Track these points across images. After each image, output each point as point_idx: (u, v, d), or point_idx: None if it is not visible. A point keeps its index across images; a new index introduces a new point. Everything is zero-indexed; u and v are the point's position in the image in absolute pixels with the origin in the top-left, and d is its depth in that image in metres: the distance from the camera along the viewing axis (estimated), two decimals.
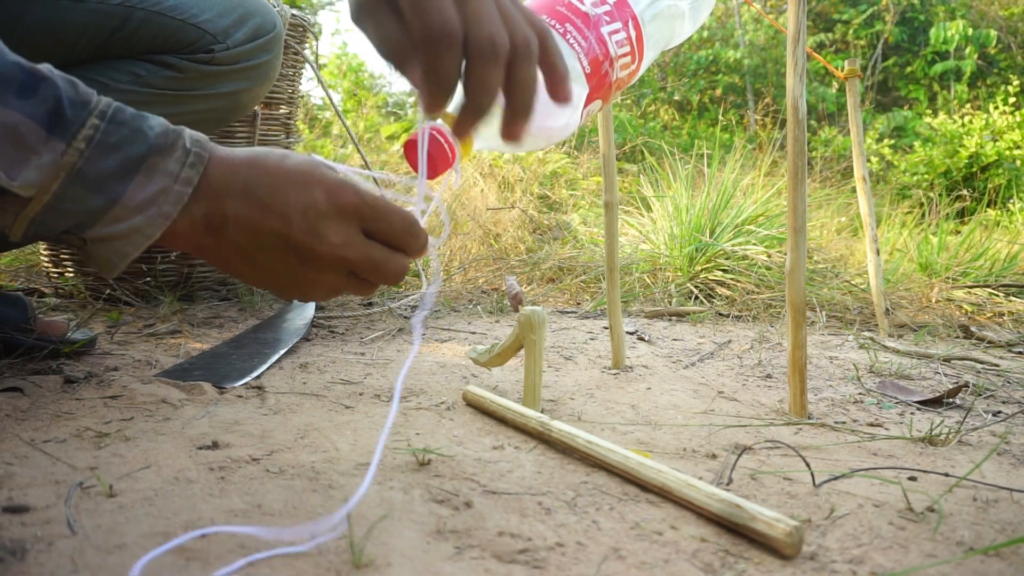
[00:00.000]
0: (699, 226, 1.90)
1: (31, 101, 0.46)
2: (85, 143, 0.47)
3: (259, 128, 1.40)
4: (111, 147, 0.48)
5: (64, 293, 1.35)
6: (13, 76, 0.46)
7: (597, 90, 0.71)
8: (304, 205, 0.52)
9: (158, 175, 0.49)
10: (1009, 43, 7.59)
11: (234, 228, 0.52)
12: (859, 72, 1.40)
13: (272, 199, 0.52)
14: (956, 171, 5.51)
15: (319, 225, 0.52)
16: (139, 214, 0.49)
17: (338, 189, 0.53)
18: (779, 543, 0.46)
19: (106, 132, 0.48)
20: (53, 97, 0.47)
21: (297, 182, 0.52)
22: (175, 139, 0.50)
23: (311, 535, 0.44)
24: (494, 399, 0.74)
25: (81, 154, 0.47)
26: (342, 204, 0.52)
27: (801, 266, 0.76)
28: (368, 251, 0.53)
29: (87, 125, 0.47)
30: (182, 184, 0.50)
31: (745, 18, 8.12)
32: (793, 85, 0.76)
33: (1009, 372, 1.08)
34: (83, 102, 0.48)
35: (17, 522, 0.46)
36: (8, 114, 0.45)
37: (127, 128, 0.49)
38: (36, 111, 0.46)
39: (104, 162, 0.48)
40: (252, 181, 0.52)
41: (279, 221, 0.52)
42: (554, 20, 0.69)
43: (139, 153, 0.49)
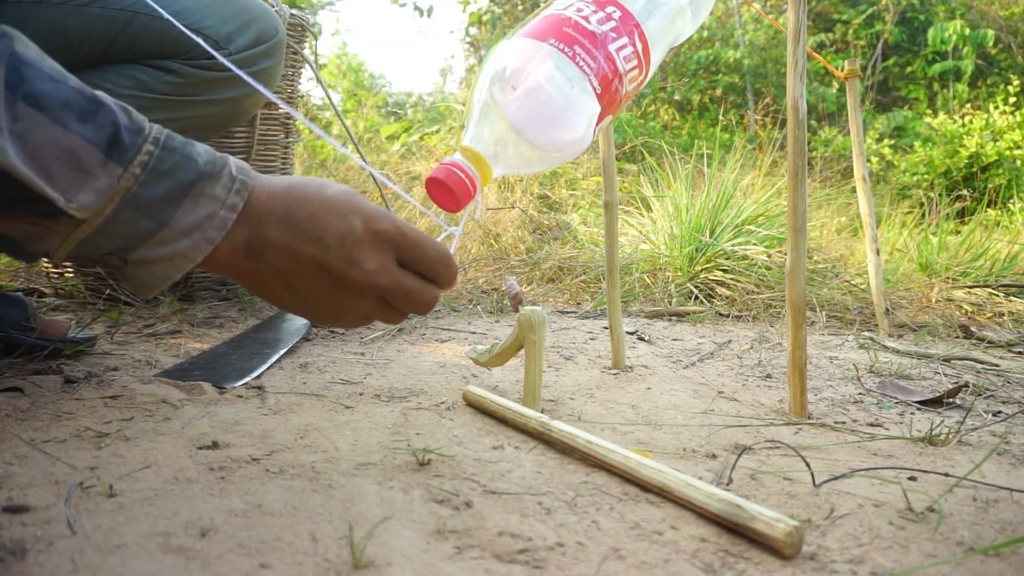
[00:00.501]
0: (699, 226, 1.90)
1: (91, 126, 0.47)
2: (140, 168, 0.49)
3: (259, 128, 1.40)
4: (164, 173, 0.49)
5: (64, 293, 1.35)
6: (75, 102, 0.47)
7: (608, 106, 0.72)
8: (341, 232, 0.53)
9: (206, 200, 0.51)
10: (1009, 43, 7.59)
11: (273, 253, 0.54)
12: (859, 72, 1.40)
13: (311, 225, 0.53)
14: (956, 171, 5.50)
15: (355, 252, 0.54)
16: (185, 238, 0.51)
17: (375, 218, 0.54)
18: (779, 543, 0.46)
19: (159, 158, 0.49)
20: (111, 123, 0.48)
21: (335, 210, 0.54)
22: (222, 166, 0.52)
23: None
24: (494, 399, 0.74)
25: (136, 179, 0.48)
26: (378, 232, 0.54)
27: (801, 266, 0.76)
28: (400, 280, 0.55)
29: (143, 151, 0.49)
30: (227, 210, 0.52)
31: (745, 18, 8.12)
32: (793, 85, 0.76)
33: (1009, 372, 1.08)
34: (138, 128, 0.49)
35: (17, 522, 0.46)
36: (70, 137, 0.46)
37: (178, 155, 0.50)
38: (96, 136, 0.47)
39: (157, 187, 0.49)
40: (292, 208, 0.54)
41: (317, 247, 0.53)
42: (562, 43, 0.69)
43: (189, 179, 0.50)
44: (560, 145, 0.69)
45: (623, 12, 0.72)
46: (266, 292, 0.56)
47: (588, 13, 0.71)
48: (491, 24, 9.60)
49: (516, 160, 0.69)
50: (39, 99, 0.46)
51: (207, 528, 0.47)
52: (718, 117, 7.00)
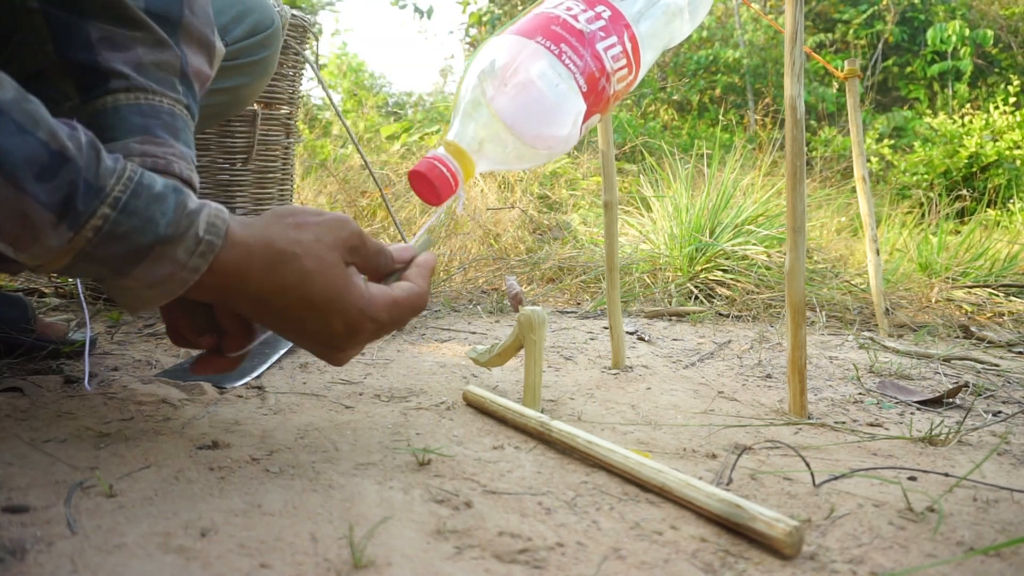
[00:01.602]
0: (699, 226, 1.90)
1: (47, 187, 0.47)
2: (93, 232, 0.48)
3: (259, 128, 1.40)
4: (119, 236, 0.49)
5: (64, 293, 1.35)
6: (37, 158, 0.46)
7: (595, 105, 0.72)
8: (320, 329, 0.56)
9: (165, 262, 0.51)
10: (1009, 43, 7.59)
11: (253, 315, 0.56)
12: (859, 72, 1.40)
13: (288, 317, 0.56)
14: (956, 171, 5.50)
15: (336, 343, 0.57)
16: (148, 289, 0.51)
17: (358, 321, 0.57)
18: (779, 543, 0.46)
19: (115, 222, 0.49)
20: (69, 183, 0.47)
21: (316, 311, 0.55)
22: (187, 227, 0.51)
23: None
24: (494, 399, 0.74)
25: (89, 241, 0.48)
26: (359, 332, 0.57)
27: (801, 266, 0.76)
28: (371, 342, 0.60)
29: (96, 215, 0.48)
30: (189, 272, 0.51)
31: (745, 18, 8.12)
32: (791, 85, 0.76)
33: (1009, 372, 1.08)
34: (98, 188, 0.48)
35: (17, 522, 0.46)
36: (22, 199, 0.46)
37: (138, 218, 0.49)
38: (50, 199, 0.47)
39: (112, 248, 0.49)
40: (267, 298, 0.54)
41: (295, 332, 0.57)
42: (549, 41, 0.69)
43: (146, 243, 0.50)
44: (548, 142, 0.70)
45: (613, 12, 0.73)
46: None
47: (577, 12, 0.71)
48: (491, 24, 9.60)
49: (501, 155, 0.69)
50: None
51: (207, 528, 0.47)
52: (718, 117, 7.00)
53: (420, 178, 0.64)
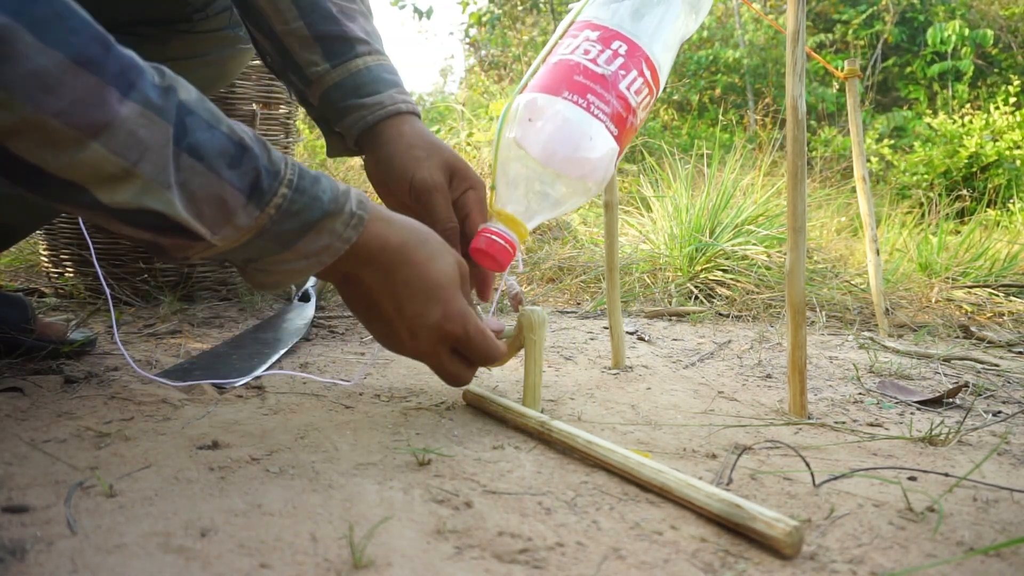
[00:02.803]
0: (699, 226, 1.90)
1: (238, 172, 0.54)
2: (275, 210, 0.56)
3: (258, 128, 1.40)
4: (294, 213, 0.57)
5: (64, 293, 1.35)
6: (226, 149, 0.54)
7: (624, 140, 0.74)
8: (419, 312, 0.63)
9: (326, 234, 0.59)
10: (1009, 43, 7.59)
11: (363, 290, 0.64)
12: (859, 72, 1.40)
13: (402, 290, 0.63)
14: (956, 171, 5.50)
15: (419, 331, 0.64)
16: (303, 260, 0.59)
17: (451, 317, 0.64)
18: (779, 543, 0.46)
19: (292, 200, 0.56)
20: (254, 169, 0.55)
21: (426, 291, 0.63)
22: (344, 202, 0.59)
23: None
24: (494, 399, 0.74)
25: (270, 218, 0.56)
26: (446, 331, 0.64)
27: (801, 266, 0.76)
28: (443, 363, 0.67)
29: (278, 194, 0.56)
30: (342, 242, 0.60)
31: (745, 18, 8.12)
32: (792, 85, 0.76)
33: (1009, 372, 1.08)
34: (275, 171, 0.56)
35: (17, 522, 0.46)
36: (221, 184, 0.53)
37: (307, 195, 0.57)
38: (241, 182, 0.54)
39: (287, 224, 0.57)
40: (394, 267, 0.62)
41: (395, 309, 0.64)
42: (575, 95, 0.70)
43: (315, 218, 0.58)
44: (589, 185, 0.72)
45: (629, 45, 0.73)
46: (348, 304, 0.67)
47: (595, 55, 0.72)
48: (491, 24, 9.59)
49: (547, 204, 0.73)
50: (199, 149, 0.53)
51: (207, 528, 0.47)
52: (718, 117, 7.00)
53: (481, 254, 0.71)
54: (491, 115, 3.29)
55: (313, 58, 0.77)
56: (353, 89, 0.77)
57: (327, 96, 0.78)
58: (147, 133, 0.50)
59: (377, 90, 0.76)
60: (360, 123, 0.77)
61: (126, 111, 0.48)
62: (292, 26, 0.76)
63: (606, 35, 0.73)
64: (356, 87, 0.76)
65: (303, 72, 0.78)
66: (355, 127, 0.77)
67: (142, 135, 0.49)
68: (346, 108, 0.77)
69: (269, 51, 0.81)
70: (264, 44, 0.81)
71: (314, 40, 0.77)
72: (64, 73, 0.46)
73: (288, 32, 0.77)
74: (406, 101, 0.77)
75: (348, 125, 0.78)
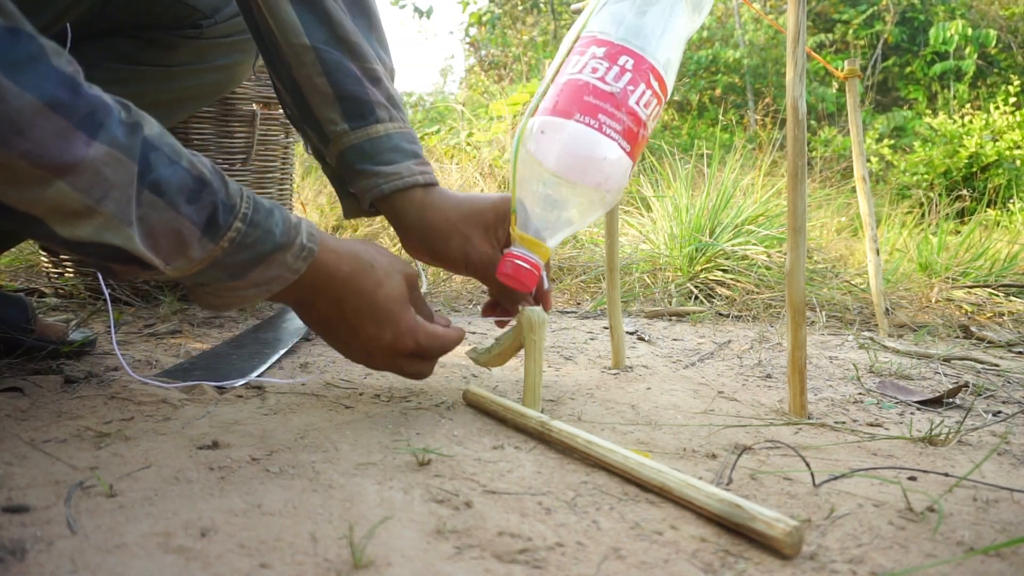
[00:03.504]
0: (699, 226, 1.90)
1: (196, 207, 0.56)
2: (228, 243, 0.58)
3: (258, 128, 1.40)
4: (247, 246, 0.59)
5: (64, 293, 1.35)
6: (186, 184, 0.56)
7: (636, 154, 0.75)
8: (372, 335, 0.68)
9: (276, 266, 0.61)
10: (1010, 43, 7.59)
11: (315, 316, 0.68)
12: (859, 72, 1.40)
13: (353, 319, 0.67)
14: (956, 171, 5.50)
15: (374, 352, 0.69)
16: (253, 288, 0.62)
17: (403, 335, 0.69)
18: (779, 543, 0.46)
19: (245, 234, 0.59)
20: (211, 204, 0.57)
21: (376, 316, 0.67)
22: (295, 236, 0.62)
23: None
24: (494, 399, 0.74)
25: (224, 251, 0.58)
26: (399, 349, 0.69)
27: (801, 266, 0.76)
28: (402, 369, 0.72)
29: (232, 228, 0.58)
30: (292, 272, 0.62)
31: (745, 18, 8.12)
32: (793, 85, 0.76)
33: (1009, 372, 1.08)
34: (231, 205, 0.58)
35: (17, 522, 0.46)
36: (179, 220, 0.55)
37: (260, 229, 0.59)
38: (199, 216, 0.56)
39: (240, 255, 0.59)
40: (342, 297, 0.66)
41: (349, 332, 0.68)
42: (587, 116, 0.71)
43: (267, 251, 0.60)
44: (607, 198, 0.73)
45: (636, 58, 0.73)
46: (301, 319, 0.70)
47: (603, 72, 0.73)
48: (491, 24, 9.59)
49: (565, 219, 0.74)
50: (160, 185, 0.54)
51: (207, 528, 0.47)
52: (718, 117, 7.00)
53: (509, 278, 0.73)
54: (491, 115, 3.29)
55: (333, 116, 0.77)
56: (371, 155, 0.77)
57: (344, 157, 0.78)
58: (112, 172, 0.51)
59: (395, 159, 0.77)
60: (375, 190, 0.77)
61: (93, 152, 0.50)
62: (316, 81, 0.76)
63: (612, 51, 0.73)
64: (374, 153, 0.77)
65: (322, 129, 0.78)
66: (369, 193, 0.78)
67: (107, 174, 0.51)
68: (362, 172, 0.78)
69: (289, 102, 0.81)
70: (284, 94, 0.81)
71: (336, 99, 0.77)
72: (36, 115, 0.47)
73: (311, 87, 0.77)
74: (424, 172, 0.78)
75: (363, 189, 0.78)
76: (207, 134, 1.35)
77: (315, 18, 0.76)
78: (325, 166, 0.84)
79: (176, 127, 1.29)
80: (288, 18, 0.75)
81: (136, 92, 0.97)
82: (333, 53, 0.76)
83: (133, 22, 0.94)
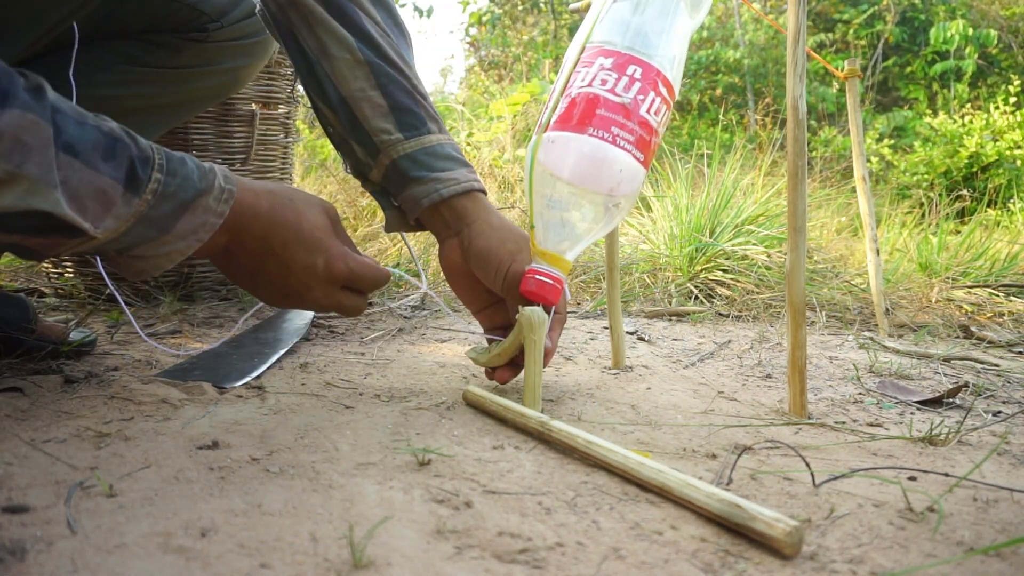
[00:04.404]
0: (699, 226, 1.90)
1: (113, 163, 0.55)
2: (152, 195, 0.58)
3: (258, 128, 1.40)
4: (169, 195, 0.59)
5: (64, 293, 1.35)
6: (99, 141, 0.55)
7: (649, 161, 0.76)
8: (304, 265, 0.67)
9: (200, 211, 0.61)
10: (1010, 43, 7.59)
11: (246, 257, 0.67)
12: (859, 72, 1.40)
13: (282, 252, 0.66)
14: (956, 171, 5.50)
15: (310, 282, 0.68)
16: (181, 240, 0.61)
17: (334, 259, 0.68)
18: (779, 543, 0.46)
19: (166, 184, 0.58)
20: (128, 158, 0.56)
21: (305, 246, 0.67)
22: (212, 179, 0.62)
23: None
24: (494, 399, 0.74)
25: (148, 204, 0.58)
26: (334, 273, 0.69)
27: (801, 266, 0.76)
28: (339, 301, 0.72)
29: (152, 180, 0.58)
30: (216, 216, 0.62)
31: (745, 18, 8.12)
32: (793, 85, 0.76)
33: (1009, 372, 1.08)
34: (146, 158, 0.58)
35: (17, 522, 0.46)
36: (100, 178, 0.55)
37: (179, 177, 0.59)
38: (117, 172, 0.56)
39: (163, 207, 0.59)
40: (269, 232, 0.65)
41: (282, 268, 0.67)
42: (601, 130, 0.72)
43: (189, 197, 0.60)
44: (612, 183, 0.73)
45: (644, 67, 0.74)
46: (231, 276, 0.70)
47: (612, 83, 0.73)
48: (491, 24, 9.58)
49: (582, 230, 0.75)
50: (74, 146, 0.53)
51: (207, 528, 0.47)
52: (718, 117, 6.99)
53: (532, 295, 0.74)
54: (491, 115, 3.29)
55: (386, 127, 0.79)
56: (426, 162, 0.79)
57: (397, 165, 0.80)
58: (29, 136, 0.50)
59: (449, 167, 0.80)
60: (434, 194, 0.79)
61: (7, 118, 0.49)
62: (369, 94, 0.79)
63: (620, 61, 0.74)
64: (429, 161, 0.79)
65: (371, 139, 0.80)
66: (427, 198, 0.79)
67: (24, 138, 0.50)
68: (417, 179, 0.79)
69: (333, 120, 0.82)
70: (329, 113, 0.82)
71: (390, 111, 0.79)
72: None
73: (364, 99, 0.79)
74: (477, 180, 0.82)
75: (418, 195, 0.79)
76: (207, 134, 1.35)
77: (364, 38, 0.79)
78: (366, 182, 0.85)
79: (176, 127, 1.30)
80: (342, 37, 0.78)
81: (145, 94, 0.98)
82: (385, 68, 0.79)
83: (141, 25, 0.94)
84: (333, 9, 0.79)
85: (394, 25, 0.83)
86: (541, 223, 0.75)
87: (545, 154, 0.73)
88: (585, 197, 0.73)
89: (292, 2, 0.79)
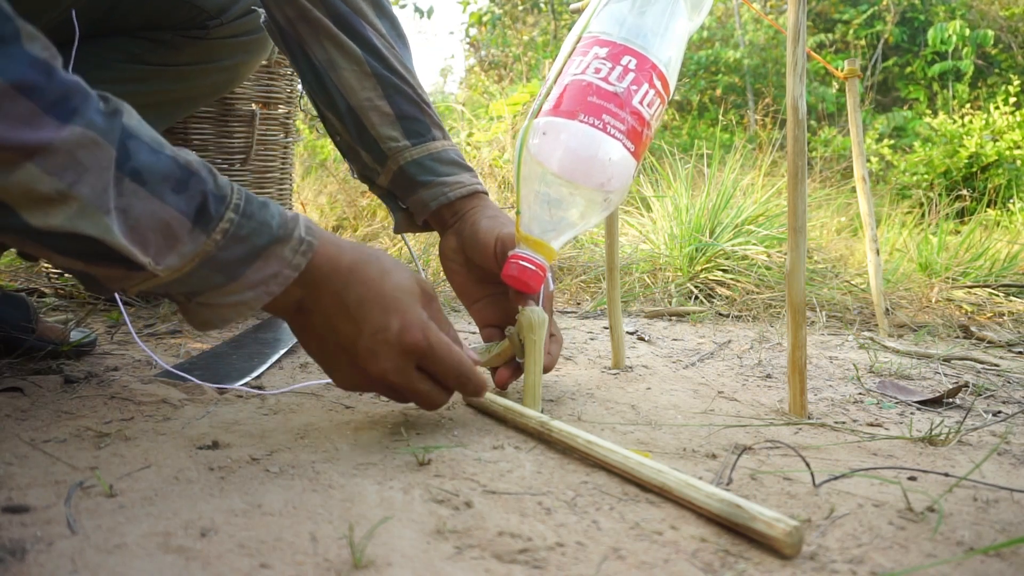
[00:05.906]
0: (699, 226, 1.90)
1: (183, 196, 0.52)
2: (222, 235, 0.54)
3: (258, 128, 1.40)
4: (241, 238, 0.55)
5: (64, 293, 1.35)
6: (171, 172, 0.52)
7: (640, 153, 0.75)
8: (377, 327, 0.60)
9: (274, 260, 0.57)
10: (1010, 43, 7.59)
11: (319, 316, 0.61)
12: (859, 72, 1.40)
13: (356, 310, 0.60)
14: (956, 171, 5.50)
15: (381, 348, 0.60)
16: (250, 290, 0.57)
17: (410, 327, 0.61)
18: (779, 543, 0.46)
19: (239, 225, 0.55)
20: (201, 192, 0.53)
21: (382, 304, 0.61)
22: (293, 228, 0.58)
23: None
24: (494, 399, 0.74)
25: (217, 244, 0.54)
26: (407, 342, 0.61)
27: (801, 266, 0.76)
28: (412, 382, 0.63)
29: (224, 219, 0.54)
30: (292, 269, 0.58)
31: (745, 18, 8.12)
32: (793, 85, 0.76)
33: (1009, 372, 1.08)
34: (222, 196, 0.55)
35: (17, 522, 0.46)
36: (166, 210, 0.52)
37: (255, 221, 0.56)
38: (187, 206, 0.53)
39: (234, 250, 0.55)
40: (347, 287, 0.60)
41: (353, 329, 0.60)
42: (591, 116, 0.71)
43: (263, 243, 0.56)
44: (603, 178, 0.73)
45: (639, 58, 0.73)
46: (301, 339, 0.65)
47: (606, 72, 0.73)
48: (491, 24, 9.58)
49: (569, 220, 0.74)
50: (142, 174, 0.51)
51: (207, 528, 0.47)
52: (718, 117, 6.99)
53: (513, 280, 0.73)
54: (491, 115, 3.29)
55: (393, 134, 0.82)
56: (432, 167, 0.83)
57: (404, 170, 0.83)
58: (87, 156, 0.48)
59: (454, 172, 0.83)
60: (441, 197, 0.82)
61: (66, 134, 0.47)
62: (377, 103, 0.82)
63: (615, 51, 0.73)
64: (435, 166, 0.83)
65: (379, 146, 0.82)
66: (435, 201, 0.82)
67: (81, 157, 0.48)
68: (425, 183, 0.83)
69: (339, 129, 0.85)
70: (336, 122, 0.84)
71: (397, 119, 0.82)
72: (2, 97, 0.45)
73: (372, 108, 0.81)
74: (480, 183, 0.85)
75: (426, 199, 0.83)
76: (206, 134, 1.35)
77: (371, 50, 0.82)
78: (373, 186, 0.88)
79: (175, 127, 1.30)
80: (350, 49, 0.81)
81: (145, 91, 0.98)
82: (391, 78, 0.82)
83: (142, 23, 0.94)
84: (341, 23, 0.81)
85: (396, 36, 0.85)
86: (527, 209, 0.74)
87: (536, 145, 0.72)
88: (576, 191, 0.72)
89: (302, 16, 0.81)
